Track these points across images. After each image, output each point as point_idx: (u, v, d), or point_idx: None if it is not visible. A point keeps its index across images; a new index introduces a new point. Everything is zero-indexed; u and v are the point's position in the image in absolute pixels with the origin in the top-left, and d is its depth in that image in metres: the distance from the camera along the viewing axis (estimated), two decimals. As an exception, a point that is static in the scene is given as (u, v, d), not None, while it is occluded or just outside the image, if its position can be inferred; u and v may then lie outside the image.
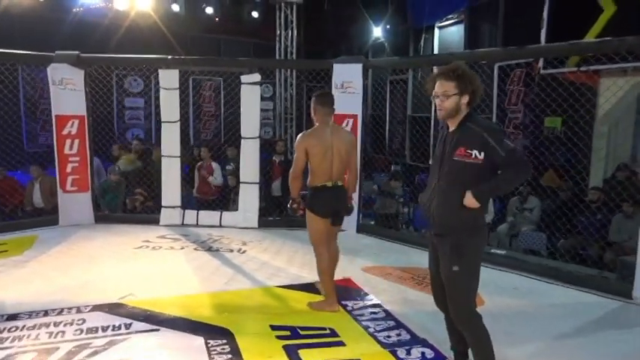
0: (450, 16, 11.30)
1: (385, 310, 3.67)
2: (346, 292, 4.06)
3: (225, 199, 6.95)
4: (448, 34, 11.73)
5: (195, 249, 5.21)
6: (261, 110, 11.11)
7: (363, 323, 3.44)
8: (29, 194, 7.07)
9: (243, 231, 5.93)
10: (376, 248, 5.40)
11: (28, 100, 10.28)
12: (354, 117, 5.89)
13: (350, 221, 5.96)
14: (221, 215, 6.18)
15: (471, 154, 2.38)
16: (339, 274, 4.44)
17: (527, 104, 8.51)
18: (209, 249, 5.19)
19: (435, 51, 11.57)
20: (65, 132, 5.91)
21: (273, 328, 3.35)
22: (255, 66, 6.06)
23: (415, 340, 3.19)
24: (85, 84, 5.93)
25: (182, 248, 5.21)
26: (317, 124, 3.68)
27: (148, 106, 12.21)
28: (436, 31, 11.88)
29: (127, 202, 6.82)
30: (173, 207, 6.12)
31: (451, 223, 2.46)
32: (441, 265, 2.53)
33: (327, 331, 3.32)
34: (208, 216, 6.17)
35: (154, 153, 7.23)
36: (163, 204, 6.15)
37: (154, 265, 4.68)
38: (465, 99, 2.44)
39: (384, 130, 12.04)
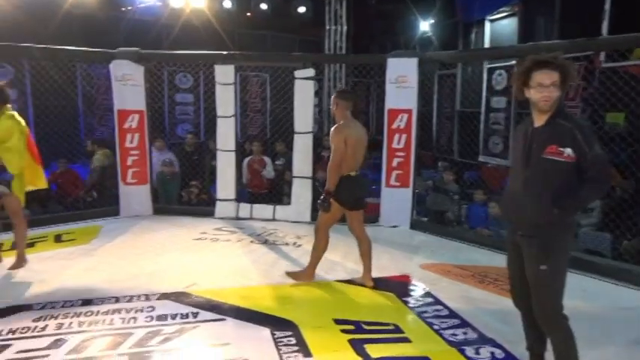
0: (503, 9, 10.98)
1: (448, 308, 3.63)
2: (406, 289, 4.04)
3: (276, 192, 7.02)
4: (500, 27, 11.41)
5: (251, 242, 5.29)
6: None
7: (428, 320, 3.41)
8: (89, 186, 7.35)
9: (296, 225, 5.98)
10: (432, 245, 5.34)
11: (85, 96, 10.68)
12: (409, 112, 5.84)
13: (403, 217, 5.94)
14: (274, 209, 6.25)
15: (563, 153, 2.29)
16: (397, 271, 4.45)
17: (586, 99, 8.19)
18: (265, 242, 5.26)
19: (486, 45, 11.29)
20: (126, 126, 6.10)
21: (337, 322, 3.36)
22: (309, 61, 6.08)
23: (483, 340, 3.13)
24: (144, 80, 6.10)
25: (239, 241, 5.30)
26: (339, 119, 3.89)
27: (196, 101, 12.52)
28: (487, 24, 11.58)
29: (183, 194, 6.99)
30: (228, 200, 6.23)
31: (539, 222, 2.37)
32: (526, 264, 2.45)
33: (392, 327, 3.31)
34: (262, 209, 6.25)
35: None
36: (218, 197, 6.28)
37: (214, 256, 4.78)
38: (564, 91, 2.37)
39: (430, 125, 11.86)
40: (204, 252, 4.91)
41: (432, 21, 13.22)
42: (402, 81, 5.78)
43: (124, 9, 10.07)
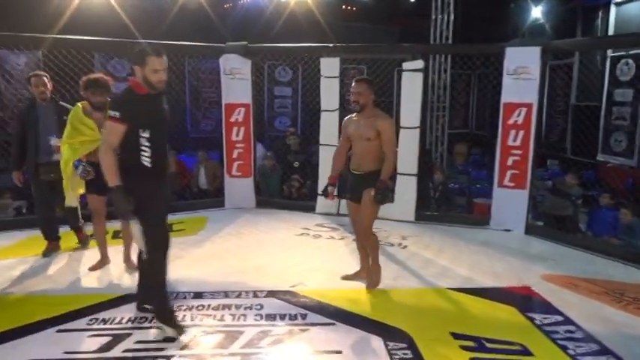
0: (632, -10, 9.83)
1: (582, 329, 3.21)
2: (529, 303, 3.66)
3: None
4: (627, 11, 10.23)
5: (353, 240, 5.08)
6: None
7: (560, 343, 3.03)
8: (195, 177, 7.60)
9: (399, 224, 5.72)
10: (552, 253, 4.83)
11: (192, 90, 11.15)
12: (528, 106, 5.33)
13: (517, 221, 5.47)
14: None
15: None
16: (516, 281, 4.06)
17: None
18: (368, 241, 5.06)
19: (611, 31, 10.19)
20: (233, 119, 6.19)
21: (455, 336, 3.09)
22: (420, 52, 5.76)
23: (632, 373, 2.71)
24: (251, 73, 6.13)
25: (341, 238, 5.16)
26: (370, 109, 3.70)
27: (294, 94, 12.62)
28: (612, 8, 10.44)
29: (284, 187, 7.00)
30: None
31: None
32: None
33: (518, 348, 2.97)
34: (363, 206, 6.05)
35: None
36: (320, 192, 6.16)
37: (318, 254, 4.68)
38: None
39: (540, 120, 10.96)
40: (308, 249, 4.82)
41: (545, 7, 12.21)
42: (521, 72, 5.28)
43: (230, 4, 10.32)
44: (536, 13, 12.58)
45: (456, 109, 11.58)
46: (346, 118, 3.90)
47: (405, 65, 5.76)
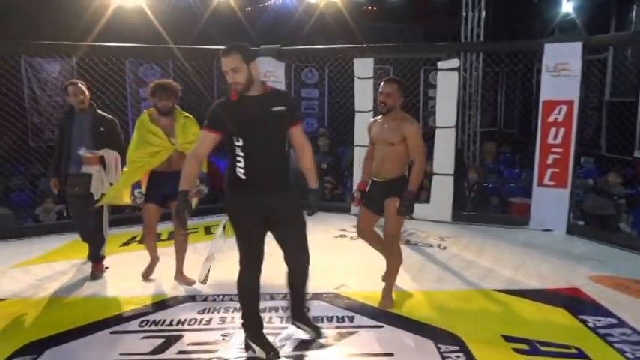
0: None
1: (638, 333, 3.12)
2: (580, 305, 3.57)
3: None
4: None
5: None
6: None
7: (617, 346, 2.95)
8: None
9: (436, 224, 5.68)
10: (598, 254, 4.72)
11: (220, 92, 11.25)
12: (569, 103, 5.23)
13: (559, 221, 5.37)
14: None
15: None
16: (563, 282, 3.98)
17: None
18: (407, 242, 5.03)
19: (647, 25, 9.92)
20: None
21: (507, 338, 3.04)
22: (454, 50, 5.71)
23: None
24: (285, 76, 6.16)
25: (379, 240, 5.13)
26: (398, 111, 3.47)
27: (321, 95, 12.63)
28: (649, 1, 10.16)
29: (318, 190, 7.00)
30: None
31: None
32: None
33: (574, 351, 2.90)
34: (399, 207, 6.01)
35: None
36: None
37: (357, 255, 4.65)
38: None
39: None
40: (347, 251, 4.81)
41: (577, 1, 11.95)
42: (561, 69, 5.18)
43: (256, 7, 10.39)
44: (567, 8, 12.32)
45: (484, 107, 11.45)
46: (371, 120, 3.72)
47: (440, 64, 5.71)
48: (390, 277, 3.59)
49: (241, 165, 2.66)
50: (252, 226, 2.75)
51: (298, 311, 3.03)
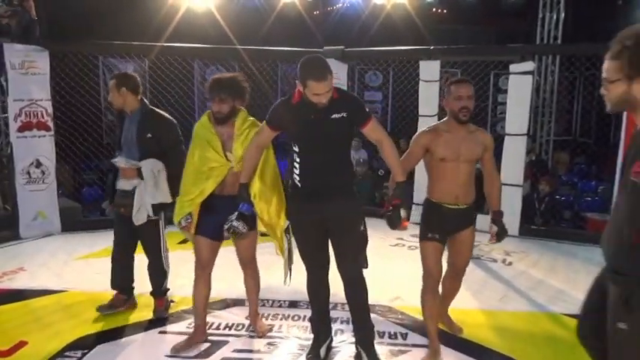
0: None
1: None
2: None
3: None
4: None
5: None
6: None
7: None
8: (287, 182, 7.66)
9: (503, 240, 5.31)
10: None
11: (283, 94, 11.34)
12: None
13: None
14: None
15: None
16: None
17: None
18: (467, 255, 4.74)
19: None
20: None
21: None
22: (529, 52, 5.36)
23: None
24: (347, 78, 6.04)
25: (439, 251, 4.88)
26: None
27: (384, 98, 12.41)
28: None
29: (376, 195, 6.83)
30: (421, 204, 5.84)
31: (622, 263, 1.68)
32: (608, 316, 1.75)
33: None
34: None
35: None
36: (415, 201, 5.92)
37: (414, 266, 4.35)
38: None
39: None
40: (404, 261, 4.61)
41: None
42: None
43: (322, 10, 10.37)
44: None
45: (559, 114, 10.79)
46: (425, 130, 2.89)
47: (513, 67, 5.36)
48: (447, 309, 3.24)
49: (297, 171, 2.61)
50: (309, 232, 2.69)
51: (358, 334, 2.82)
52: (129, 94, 3.22)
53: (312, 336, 2.95)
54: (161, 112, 3.38)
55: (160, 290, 3.38)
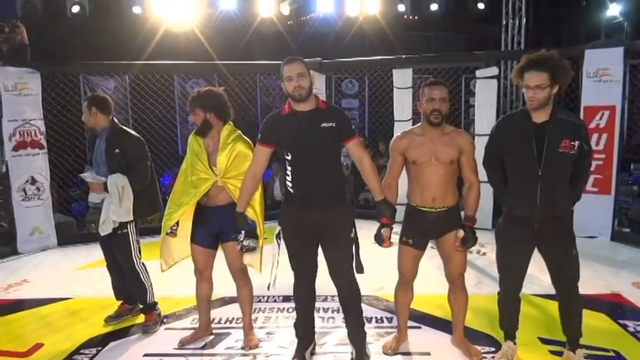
0: None
1: (681, 337, 3.10)
2: (621, 310, 3.58)
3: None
4: None
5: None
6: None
7: (658, 350, 2.95)
8: (270, 188, 7.92)
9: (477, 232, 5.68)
10: (642, 260, 4.65)
11: (262, 104, 11.62)
12: (611, 109, 5.19)
13: (603, 228, 5.30)
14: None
15: (574, 146, 2.59)
16: (605, 288, 3.96)
17: None
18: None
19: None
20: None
21: (544, 341, 3.11)
22: (493, 59, 5.78)
23: None
24: (325, 87, 6.38)
25: (419, 246, 5.22)
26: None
27: (361, 105, 12.81)
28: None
29: (359, 197, 7.16)
30: (403, 205, 6.19)
31: (565, 211, 2.76)
32: (554, 250, 2.87)
33: (611, 354, 2.94)
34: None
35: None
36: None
37: (396, 259, 4.75)
38: (555, 89, 2.57)
39: (623, 123, 10.41)
40: (387, 256, 4.90)
41: (625, 5, 11.67)
42: (602, 74, 5.16)
43: (303, 18, 10.67)
44: (614, 11, 12.06)
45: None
46: (399, 136, 2.90)
47: (479, 73, 5.78)
48: (461, 325, 3.11)
49: (290, 178, 2.71)
50: (299, 238, 2.77)
51: (351, 333, 2.95)
52: (99, 114, 3.35)
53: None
54: (129, 130, 3.50)
55: (145, 305, 3.42)
